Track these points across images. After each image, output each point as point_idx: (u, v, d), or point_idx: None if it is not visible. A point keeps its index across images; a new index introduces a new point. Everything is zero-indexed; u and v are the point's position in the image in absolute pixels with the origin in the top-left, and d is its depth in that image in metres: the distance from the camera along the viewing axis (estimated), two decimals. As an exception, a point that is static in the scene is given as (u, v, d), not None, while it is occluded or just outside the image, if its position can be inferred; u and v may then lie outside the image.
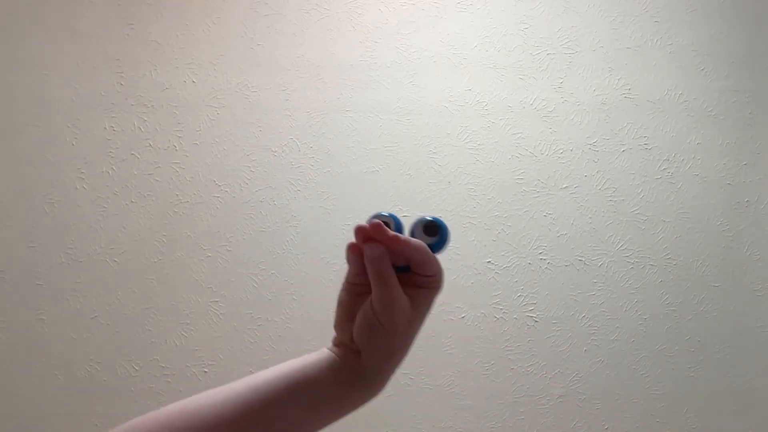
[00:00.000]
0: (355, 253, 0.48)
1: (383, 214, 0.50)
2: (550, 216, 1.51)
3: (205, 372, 1.47)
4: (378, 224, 0.46)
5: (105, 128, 1.49)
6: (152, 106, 1.50)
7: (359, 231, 0.47)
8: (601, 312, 1.51)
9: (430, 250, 0.49)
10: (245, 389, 0.48)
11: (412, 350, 0.54)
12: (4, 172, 1.48)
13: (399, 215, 0.50)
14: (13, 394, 1.45)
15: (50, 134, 1.48)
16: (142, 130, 1.49)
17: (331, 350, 0.51)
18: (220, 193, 1.49)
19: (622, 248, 1.51)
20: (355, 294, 0.50)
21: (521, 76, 1.52)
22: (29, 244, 1.47)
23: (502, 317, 1.50)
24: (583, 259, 1.51)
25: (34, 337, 1.46)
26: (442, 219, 0.51)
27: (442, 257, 0.50)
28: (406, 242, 0.47)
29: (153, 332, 1.47)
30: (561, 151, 1.52)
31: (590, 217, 1.51)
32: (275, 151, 1.50)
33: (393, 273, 0.47)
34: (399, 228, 0.50)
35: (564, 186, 1.52)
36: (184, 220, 1.48)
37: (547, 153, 1.52)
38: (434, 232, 0.50)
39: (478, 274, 1.50)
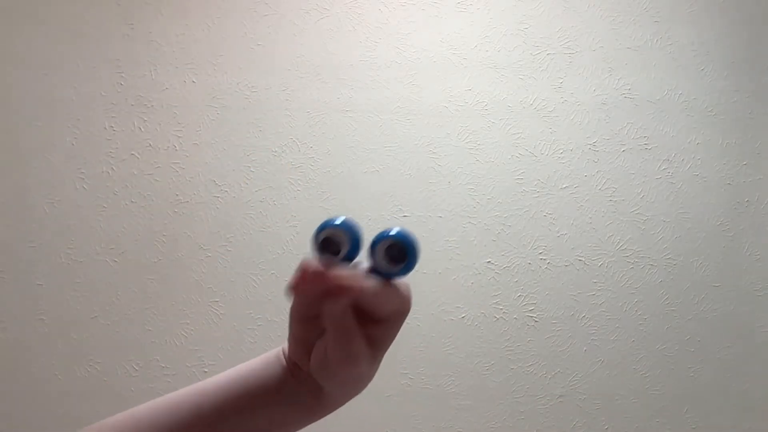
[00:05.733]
0: (299, 293, 0.38)
1: (335, 224, 0.39)
2: (550, 216, 1.51)
3: (205, 372, 1.47)
4: (326, 274, 0.36)
5: (105, 128, 1.49)
6: (152, 106, 1.50)
7: (306, 275, 0.36)
8: (601, 312, 1.51)
9: (393, 290, 0.39)
10: (187, 403, 0.44)
11: (413, 350, 0.53)
12: (4, 172, 1.48)
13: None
14: (13, 394, 1.45)
15: (50, 134, 1.48)
16: (142, 130, 1.49)
17: (284, 365, 0.45)
18: (220, 193, 1.49)
19: (622, 248, 1.51)
20: (307, 321, 0.43)
21: (521, 76, 1.52)
22: (29, 244, 1.47)
23: (502, 317, 1.50)
24: (583, 259, 1.51)
25: (34, 337, 1.46)
26: (408, 235, 0.39)
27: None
28: (364, 293, 0.37)
29: (153, 332, 1.47)
30: (561, 151, 1.52)
31: (590, 217, 1.51)
32: (275, 151, 1.50)
33: (356, 328, 0.39)
34: (355, 245, 0.39)
35: (564, 186, 1.52)
36: (184, 220, 1.48)
37: (547, 153, 1.52)
38: (401, 257, 0.39)
39: (478, 274, 1.50)
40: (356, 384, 0.43)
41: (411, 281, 1.48)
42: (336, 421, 1.49)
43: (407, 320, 1.47)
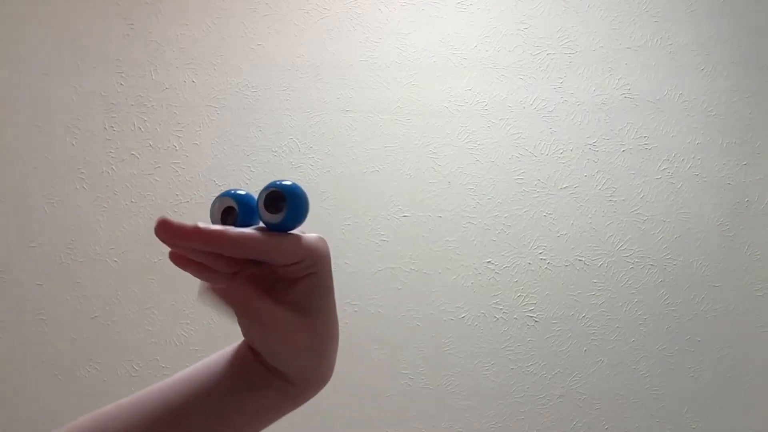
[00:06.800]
0: (181, 264, 0.37)
1: (231, 194, 0.39)
2: (550, 216, 1.51)
3: (205, 372, 1.47)
4: (166, 224, 0.34)
5: (105, 128, 1.49)
6: (152, 106, 1.50)
7: (166, 232, 0.35)
8: (601, 312, 1.51)
9: (284, 241, 0.38)
10: (151, 399, 0.42)
11: (413, 350, 0.53)
12: (4, 172, 1.48)
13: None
14: (14, 394, 1.45)
15: (50, 134, 1.48)
16: (142, 130, 1.49)
17: (250, 352, 0.43)
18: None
19: (622, 248, 1.51)
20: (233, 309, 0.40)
21: (521, 76, 1.52)
22: (29, 244, 1.47)
23: (502, 317, 1.50)
24: (583, 259, 1.51)
25: (34, 337, 1.46)
26: (289, 184, 0.38)
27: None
28: (227, 242, 0.36)
29: (153, 332, 1.47)
30: (561, 151, 1.52)
31: (590, 217, 1.51)
32: (275, 151, 1.50)
33: (257, 297, 0.38)
34: (247, 212, 0.39)
35: (564, 186, 1.52)
36: (184, 220, 1.48)
37: (547, 153, 1.52)
38: (278, 206, 0.38)
39: (478, 274, 1.50)
40: (303, 354, 0.40)
41: (411, 281, 1.48)
42: (336, 421, 1.49)
43: (408, 320, 1.47)
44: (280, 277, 0.40)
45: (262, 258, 0.37)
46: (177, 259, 0.37)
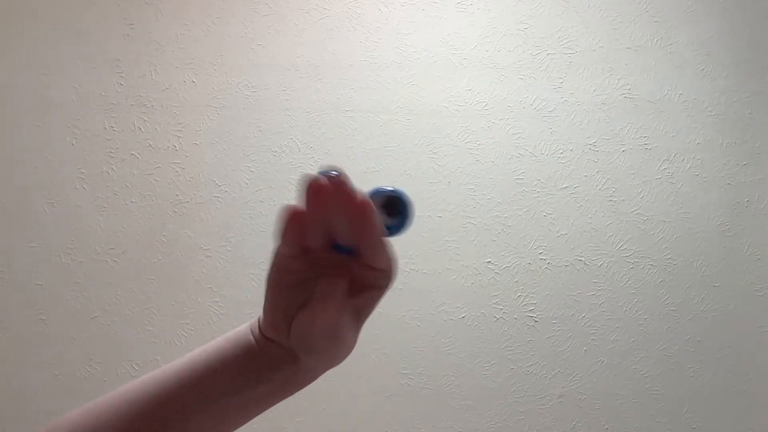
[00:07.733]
0: (295, 223, 0.36)
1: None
2: (550, 216, 1.51)
3: (205, 372, 1.47)
4: (343, 183, 0.34)
5: (105, 128, 1.49)
6: (152, 106, 1.50)
7: (317, 189, 0.35)
8: (601, 312, 1.51)
9: (387, 246, 0.38)
10: (148, 392, 0.42)
11: (413, 350, 0.53)
12: (4, 172, 1.48)
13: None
14: (13, 394, 1.45)
15: (50, 134, 1.48)
16: (142, 130, 1.49)
17: (256, 339, 0.42)
18: (220, 193, 1.49)
19: (622, 248, 1.51)
20: (290, 289, 0.40)
21: (521, 76, 1.52)
22: (29, 244, 1.47)
23: (502, 317, 1.50)
24: (583, 259, 1.51)
25: (34, 337, 1.46)
26: (404, 192, 0.39)
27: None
28: (369, 218, 0.35)
29: (153, 332, 1.47)
30: (561, 151, 1.52)
31: (590, 217, 1.51)
32: (275, 151, 1.50)
33: (346, 300, 0.38)
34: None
35: (564, 186, 1.52)
36: (184, 220, 1.48)
37: (547, 153, 1.52)
38: (395, 210, 0.39)
39: (478, 274, 1.50)
40: (337, 356, 0.41)
41: (411, 281, 1.48)
42: (336, 421, 1.49)
43: (408, 320, 1.47)
44: (356, 277, 0.40)
45: (371, 251, 0.37)
46: (293, 215, 0.36)
